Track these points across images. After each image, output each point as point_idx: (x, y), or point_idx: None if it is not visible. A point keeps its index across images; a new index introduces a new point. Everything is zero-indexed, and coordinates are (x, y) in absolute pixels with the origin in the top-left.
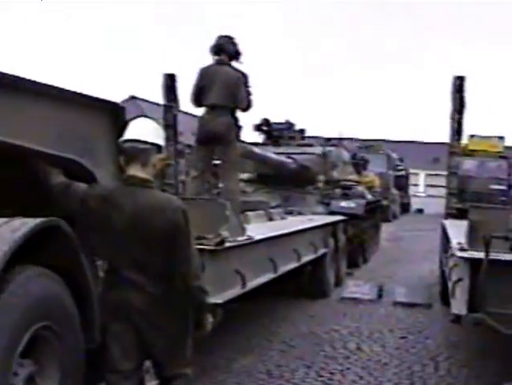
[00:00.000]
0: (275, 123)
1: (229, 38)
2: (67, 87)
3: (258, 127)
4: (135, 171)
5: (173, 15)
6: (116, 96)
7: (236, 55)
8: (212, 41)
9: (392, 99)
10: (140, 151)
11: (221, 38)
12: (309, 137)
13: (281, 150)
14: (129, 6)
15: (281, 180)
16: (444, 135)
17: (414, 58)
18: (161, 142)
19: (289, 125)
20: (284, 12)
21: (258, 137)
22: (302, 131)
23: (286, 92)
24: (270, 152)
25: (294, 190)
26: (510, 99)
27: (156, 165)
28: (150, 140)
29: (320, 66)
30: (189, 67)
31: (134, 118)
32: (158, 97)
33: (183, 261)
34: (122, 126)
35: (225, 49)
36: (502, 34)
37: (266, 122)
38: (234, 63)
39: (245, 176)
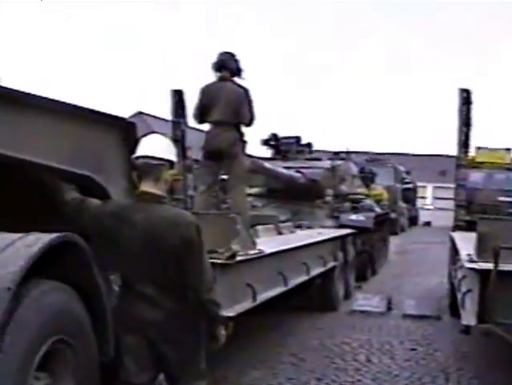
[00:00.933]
0: (283, 137)
1: (231, 55)
2: (79, 104)
3: (266, 142)
4: (148, 187)
5: (179, 26)
6: (123, 112)
7: (238, 72)
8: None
9: (399, 112)
10: (153, 167)
11: (222, 54)
12: (316, 151)
13: (289, 164)
14: (134, 16)
15: (290, 195)
16: (451, 147)
17: (420, 71)
18: (173, 158)
19: (296, 139)
20: (287, 23)
21: (266, 152)
22: (309, 145)
23: (293, 106)
24: (280, 167)
25: (304, 204)
26: None
27: (168, 181)
28: (162, 156)
29: (326, 79)
30: (197, 82)
31: (146, 134)
32: (165, 112)
33: (196, 275)
34: (134, 142)
35: (227, 65)
36: (506, 43)
37: (274, 137)
38: (236, 79)
39: (255, 190)
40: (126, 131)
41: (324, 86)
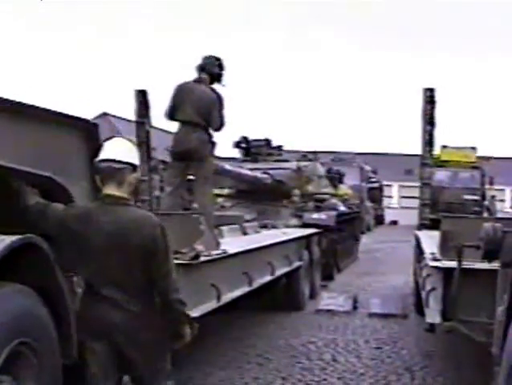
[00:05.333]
0: (254, 140)
1: (216, 59)
2: (41, 105)
3: (237, 145)
4: (111, 190)
5: (144, 26)
6: (88, 113)
7: (218, 77)
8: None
9: (365, 111)
10: (116, 170)
11: (207, 57)
12: (287, 151)
13: (258, 166)
14: (99, 14)
15: (257, 195)
16: (417, 146)
17: (385, 70)
18: (136, 161)
19: (267, 142)
20: (259, 28)
21: (238, 154)
22: (279, 147)
23: (263, 106)
24: (247, 169)
25: (270, 204)
26: (481, 110)
27: (132, 184)
28: (125, 160)
29: (293, 80)
30: (162, 82)
31: (109, 138)
32: (130, 113)
33: (162, 276)
34: (97, 144)
35: (207, 69)
36: (470, 44)
37: (244, 139)
38: (216, 85)
39: (225, 191)
40: (88, 132)
41: (291, 86)
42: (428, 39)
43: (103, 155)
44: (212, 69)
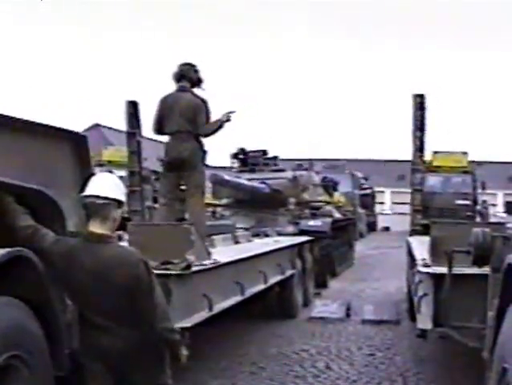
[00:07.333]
0: (250, 151)
1: (191, 66)
2: (30, 118)
3: (235, 156)
4: (94, 227)
5: (136, 37)
6: (80, 123)
7: (198, 82)
8: (174, 68)
9: (356, 118)
10: (100, 206)
11: (182, 65)
12: (282, 160)
13: (256, 176)
14: (92, 26)
15: (255, 204)
16: (408, 152)
17: (375, 77)
18: (122, 197)
19: (263, 152)
20: (246, 34)
21: (233, 163)
22: (275, 157)
23: (254, 115)
24: (245, 179)
25: (268, 212)
26: (472, 115)
27: (116, 220)
28: (110, 196)
29: (283, 88)
30: (153, 93)
31: (95, 174)
32: (122, 124)
33: (148, 309)
34: (87, 157)
35: (187, 76)
36: (459, 49)
37: (242, 151)
38: (196, 90)
39: (224, 201)
40: (77, 144)
41: (282, 94)
42: (422, 44)
43: (88, 190)
44: (190, 75)
